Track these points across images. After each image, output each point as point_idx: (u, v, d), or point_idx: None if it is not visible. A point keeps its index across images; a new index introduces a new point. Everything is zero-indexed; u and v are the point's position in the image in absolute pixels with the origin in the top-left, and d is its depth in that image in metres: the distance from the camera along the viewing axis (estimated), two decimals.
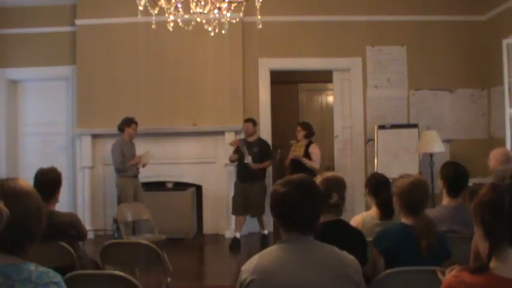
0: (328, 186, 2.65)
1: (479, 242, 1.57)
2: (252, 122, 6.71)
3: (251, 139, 6.68)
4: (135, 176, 6.50)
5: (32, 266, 1.58)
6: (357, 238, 2.66)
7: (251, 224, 7.07)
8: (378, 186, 3.26)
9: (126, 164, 6.33)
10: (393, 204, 2.84)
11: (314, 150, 6.54)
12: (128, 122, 6.48)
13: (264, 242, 6.57)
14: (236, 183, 6.74)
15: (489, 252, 1.50)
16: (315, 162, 6.44)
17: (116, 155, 6.35)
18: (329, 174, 2.87)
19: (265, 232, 6.72)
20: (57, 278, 1.60)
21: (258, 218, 6.71)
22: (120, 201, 6.38)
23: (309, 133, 6.64)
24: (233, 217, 6.85)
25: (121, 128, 6.49)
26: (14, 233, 1.52)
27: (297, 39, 7.37)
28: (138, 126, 6.56)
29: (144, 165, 6.57)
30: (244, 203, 6.58)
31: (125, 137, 6.47)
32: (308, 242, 1.99)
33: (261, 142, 6.74)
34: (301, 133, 6.62)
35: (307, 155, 6.51)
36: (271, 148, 6.88)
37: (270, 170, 7.10)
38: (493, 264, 1.50)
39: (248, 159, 6.52)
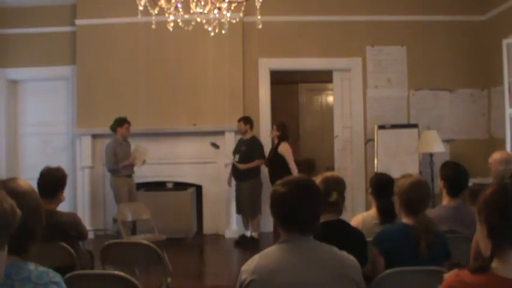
0: (327, 186, 2.65)
1: (481, 241, 1.57)
2: (243, 120, 6.64)
3: (245, 137, 6.66)
4: (129, 176, 6.50)
5: (32, 266, 1.59)
6: (357, 238, 2.66)
7: None
8: (381, 189, 3.20)
9: (118, 165, 6.32)
10: (395, 209, 2.83)
11: (283, 148, 6.33)
12: (120, 122, 6.47)
13: (245, 243, 6.49)
14: (235, 182, 6.75)
15: (491, 253, 1.49)
16: (289, 162, 6.26)
17: (108, 155, 6.37)
18: (328, 174, 2.87)
19: (254, 234, 6.58)
20: (57, 277, 1.60)
21: (249, 218, 6.62)
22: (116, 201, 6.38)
23: (284, 135, 6.46)
24: (233, 217, 6.89)
25: (113, 128, 6.50)
26: (15, 232, 1.52)
27: (297, 39, 7.37)
28: (138, 126, 6.55)
29: (143, 163, 6.51)
30: (239, 202, 6.61)
31: (118, 137, 6.47)
32: (308, 242, 1.99)
33: (251, 141, 6.61)
34: (274, 132, 6.53)
35: (278, 157, 6.34)
36: (262, 147, 6.68)
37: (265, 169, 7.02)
38: (494, 264, 1.50)
39: (235, 158, 6.52)
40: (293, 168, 6.23)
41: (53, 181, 3.23)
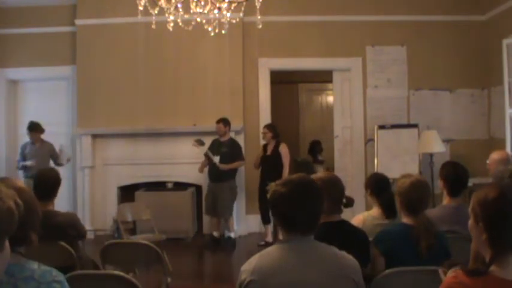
0: (324, 186, 2.63)
1: (479, 244, 1.55)
2: (223, 122, 6.65)
3: (223, 139, 6.66)
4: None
5: (35, 265, 1.59)
6: (360, 238, 2.65)
7: (252, 224, 7.10)
8: (379, 186, 3.25)
9: (18, 165, 6.67)
10: (395, 204, 2.83)
11: (283, 150, 6.49)
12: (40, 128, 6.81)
13: (227, 244, 6.54)
14: (208, 183, 6.73)
15: (491, 259, 1.49)
16: (285, 164, 6.40)
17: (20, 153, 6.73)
18: (326, 174, 2.86)
19: (231, 235, 6.63)
20: (60, 277, 1.61)
21: (225, 220, 6.65)
22: None
23: (276, 134, 6.60)
24: (234, 217, 6.87)
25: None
26: (18, 226, 1.54)
27: (297, 39, 7.36)
28: (138, 126, 6.56)
29: (68, 160, 6.79)
30: (213, 204, 6.57)
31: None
32: (308, 242, 1.99)
33: (231, 142, 6.67)
34: (268, 135, 6.58)
35: (277, 154, 6.46)
36: (241, 149, 6.75)
37: (241, 170, 7.00)
38: (492, 267, 1.49)
39: (216, 159, 6.49)
40: (286, 170, 6.31)
41: (50, 182, 3.25)
